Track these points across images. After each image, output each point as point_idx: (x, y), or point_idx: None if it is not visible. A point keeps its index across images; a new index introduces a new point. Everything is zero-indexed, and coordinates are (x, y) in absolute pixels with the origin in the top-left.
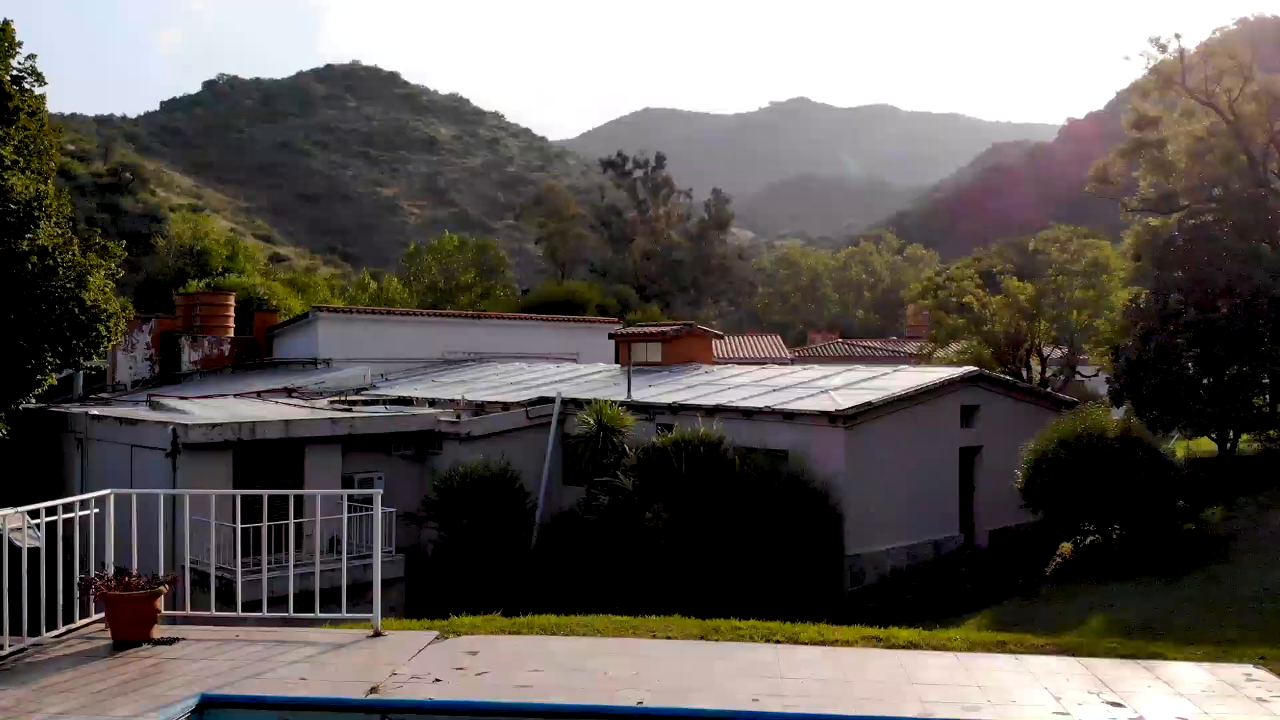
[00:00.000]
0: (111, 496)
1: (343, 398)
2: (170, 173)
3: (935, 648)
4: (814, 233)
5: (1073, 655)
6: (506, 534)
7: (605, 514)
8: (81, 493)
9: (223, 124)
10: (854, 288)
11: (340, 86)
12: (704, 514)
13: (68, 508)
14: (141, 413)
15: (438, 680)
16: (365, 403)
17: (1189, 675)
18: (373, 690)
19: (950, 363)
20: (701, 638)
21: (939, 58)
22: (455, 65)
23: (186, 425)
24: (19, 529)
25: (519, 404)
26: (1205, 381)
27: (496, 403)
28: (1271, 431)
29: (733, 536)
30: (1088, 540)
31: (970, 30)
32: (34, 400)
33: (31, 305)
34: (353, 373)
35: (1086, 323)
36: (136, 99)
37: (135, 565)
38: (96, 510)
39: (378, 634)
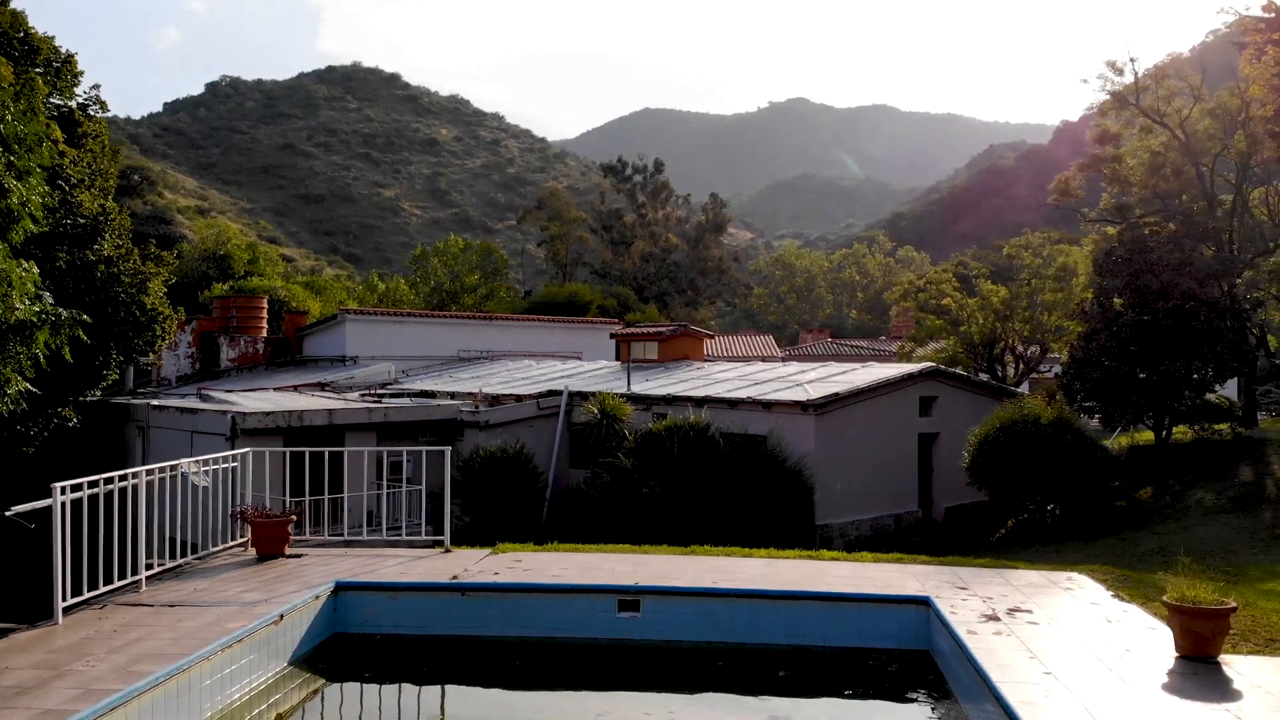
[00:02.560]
0: (250, 453)
1: (371, 391)
2: (175, 174)
3: (850, 560)
4: (812, 232)
5: (948, 566)
6: (521, 508)
7: (607, 490)
8: None
9: (225, 125)
10: (847, 288)
11: (341, 88)
12: (693, 488)
13: (226, 459)
14: (196, 403)
15: (496, 573)
16: (392, 396)
17: (1026, 577)
18: (454, 578)
19: (929, 361)
20: (682, 555)
21: (937, 59)
22: (455, 66)
23: (244, 413)
24: (196, 472)
25: (531, 396)
26: (1141, 377)
27: (510, 395)
28: (1217, 426)
29: (718, 507)
30: (1024, 515)
31: (968, 32)
32: (98, 393)
33: (98, 309)
34: (378, 369)
35: (1057, 323)
36: (136, 100)
37: (271, 501)
38: (237, 464)
39: (447, 550)
